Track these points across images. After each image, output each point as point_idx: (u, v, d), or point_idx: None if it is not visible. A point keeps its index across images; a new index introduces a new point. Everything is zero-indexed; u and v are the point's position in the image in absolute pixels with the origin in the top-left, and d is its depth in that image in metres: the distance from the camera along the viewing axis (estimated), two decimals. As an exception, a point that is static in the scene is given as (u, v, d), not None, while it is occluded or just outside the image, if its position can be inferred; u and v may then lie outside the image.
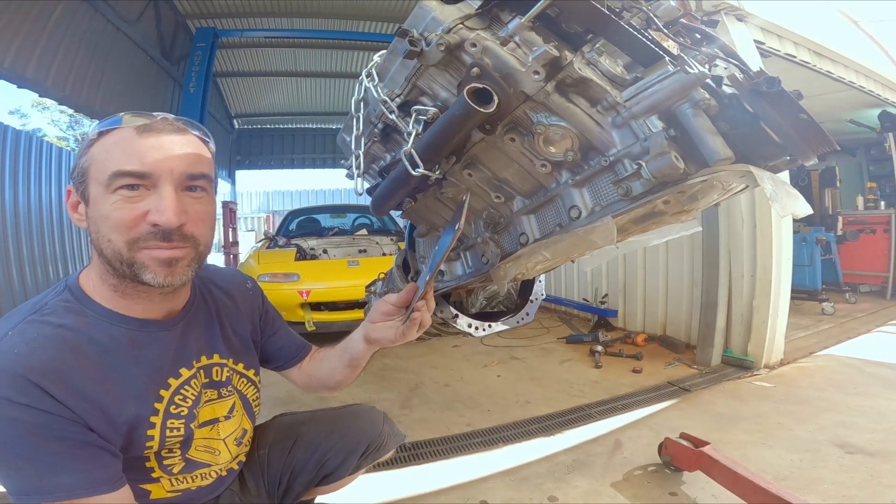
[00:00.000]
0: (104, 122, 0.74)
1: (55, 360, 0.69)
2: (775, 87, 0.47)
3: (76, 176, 0.75)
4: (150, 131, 0.72)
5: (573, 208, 0.59)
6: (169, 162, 0.71)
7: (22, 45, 4.03)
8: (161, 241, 0.72)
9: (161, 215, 0.70)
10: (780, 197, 0.46)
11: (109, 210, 0.70)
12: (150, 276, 0.73)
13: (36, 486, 0.68)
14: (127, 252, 0.71)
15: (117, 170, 0.69)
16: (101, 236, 0.72)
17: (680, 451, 1.85)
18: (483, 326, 0.99)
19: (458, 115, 0.55)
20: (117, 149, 0.71)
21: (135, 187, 0.70)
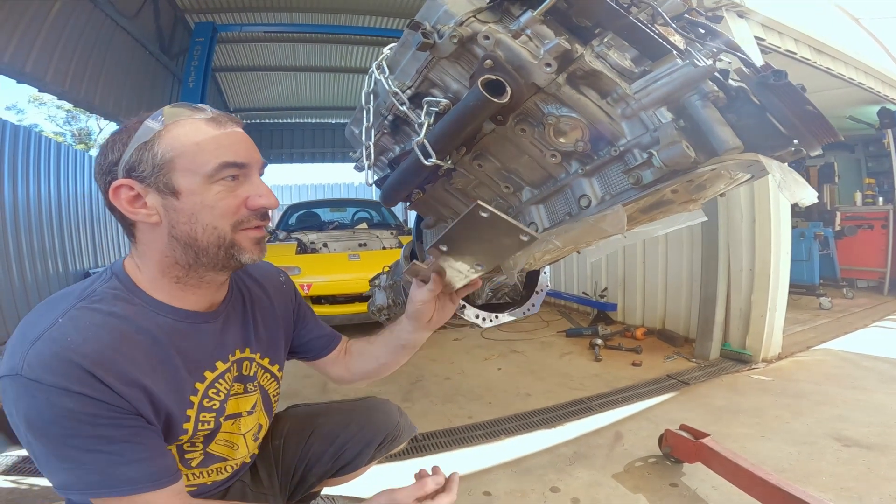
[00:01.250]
0: (157, 116, 0.75)
1: (108, 348, 0.69)
2: (782, 79, 0.48)
3: (146, 169, 0.73)
4: (224, 124, 0.77)
5: (583, 197, 0.60)
6: (254, 152, 0.79)
7: (21, 40, 4.01)
8: (260, 221, 0.79)
9: (267, 199, 0.78)
10: (789, 184, 0.48)
11: (215, 199, 0.74)
12: (248, 256, 0.79)
13: (99, 480, 0.68)
14: (230, 235, 0.76)
15: (224, 161, 0.73)
16: (202, 225, 0.75)
17: (680, 443, 1.87)
18: (490, 317, 1.01)
19: (471, 106, 0.56)
20: (208, 141, 0.74)
21: (235, 177, 0.76)
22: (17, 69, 4.06)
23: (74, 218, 6.09)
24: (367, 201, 6.91)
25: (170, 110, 0.76)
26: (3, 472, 2.00)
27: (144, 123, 0.74)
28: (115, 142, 0.76)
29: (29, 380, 0.65)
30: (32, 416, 0.66)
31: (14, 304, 4.51)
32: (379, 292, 1.35)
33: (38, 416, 0.66)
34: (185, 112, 0.76)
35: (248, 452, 0.99)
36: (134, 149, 0.73)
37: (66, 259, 5.75)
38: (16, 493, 1.84)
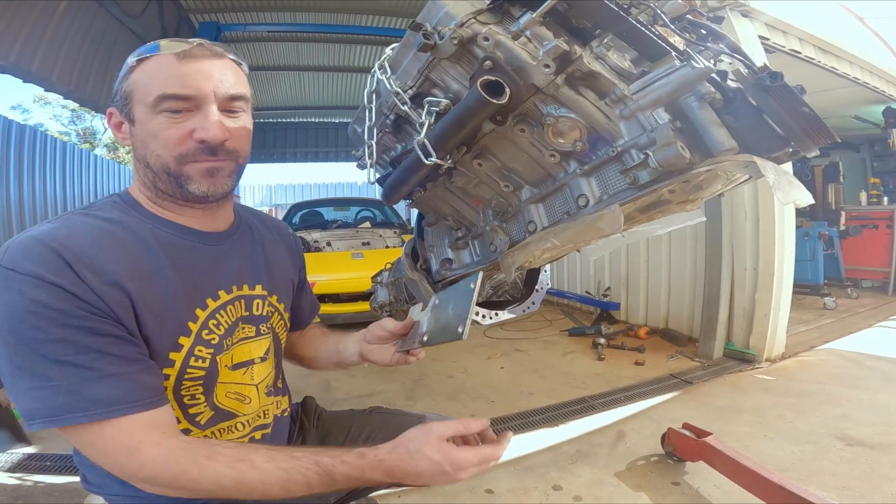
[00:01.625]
0: (142, 49, 0.78)
1: (93, 244, 0.69)
2: (778, 81, 0.49)
3: (118, 99, 0.79)
4: (190, 57, 0.76)
5: (581, 197, 0.61)
6: (210, 85, 0.76)
7: (27, 40, 4.04)
8: (208, 156, 0.78)
9: (207, 132, 0.75)
10: (783, 185, 0.49)
11: (157, 129, 0.75)
12: (195, 186, 0.78)
13: (66, 402, 0.63)
14: (175, 166, 0.77)
15: (162, 93, 0.74)
16: (150, 152, 0.77)
17: (683, 442, 1.88)
18: (490, 315, 1.01)
19: (471, 107, 0.57)
20: (160, 73, 0.75)
21: (178, 111, 0.75)
22: (24, 69, 4.09)
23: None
24: (371, 200, 6.93)
25: (162, 43, 0.78)
26: (8, 470, 2.02)
27: (128, 61, 0.78)
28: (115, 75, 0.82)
29: (5, 268, 0.64)
30: (3, 311, 0.64)
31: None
32: (381, 289, 1.35)
33: (9, 310, 0.63)
34: (168, 46, 0.77)
35: (260, 407, 0.91)
36: (118, 81, 0.80)
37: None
38: (21, 491, 1.86)
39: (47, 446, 2.21)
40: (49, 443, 2.24)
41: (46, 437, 2.29)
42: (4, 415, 2.26)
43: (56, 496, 1.81)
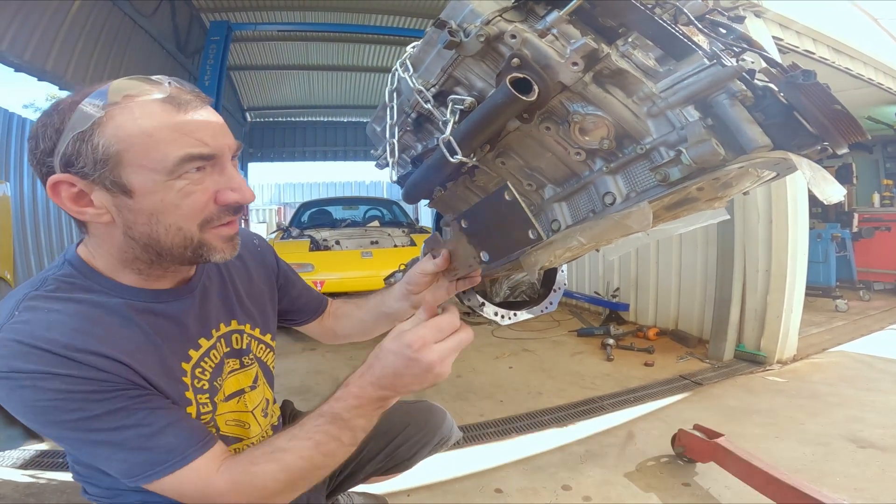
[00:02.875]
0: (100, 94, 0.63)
1: (75, 332, 0.63)
2: (811, 79, 0.49)
3: (87, 164, 0.62)
4: (187, 105, 0.65)
5: (607, 195, 0.61)
6: (223, 138, 0.68)
7: (42, 39, 4.09)
8: (232, 216, 0.71)
9: (242, 194, 0.69)
10: (818, 181, 0.49)
11: (178, 197, 0.64)
12: (219, 255, 0.72)
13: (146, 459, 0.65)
14: (198, 235, 0.68)
15: (186, 154, 0.63)
16: (164, 226, 0.66)
17: (694, 443, 1.87)
18: (508, 315, 1.01)
19: (499, 104, 0.57)
20: (163, 129, 0.62)
21: (201, 168, 0.66)
22: (38, 67, 4.15)
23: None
24: (379, 199, 6.95)
25: (116, 85, 0.63)
26: (20, 467, 2.03)
27: (80, 107, 0.62)
28: (45, 126, 0.64)
29: (7, 372, 0.60)
30: (34, 409, 0.62)
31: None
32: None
33: (39, 407, 0.61)
34: (134, 89, 0.63)
35: (262, 430, 0.94)
36: (70, 139, 0.62)
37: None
38: (33, 488, 1.87)
39: (59, 442, 2.24)
40: (62, 439, 2.27)
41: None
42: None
43: (68, 493, 1.82)
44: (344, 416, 0.68)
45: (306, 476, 0.70)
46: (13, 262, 4.36)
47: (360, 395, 0.68)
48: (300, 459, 0.68)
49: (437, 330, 0.67)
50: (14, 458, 2.10)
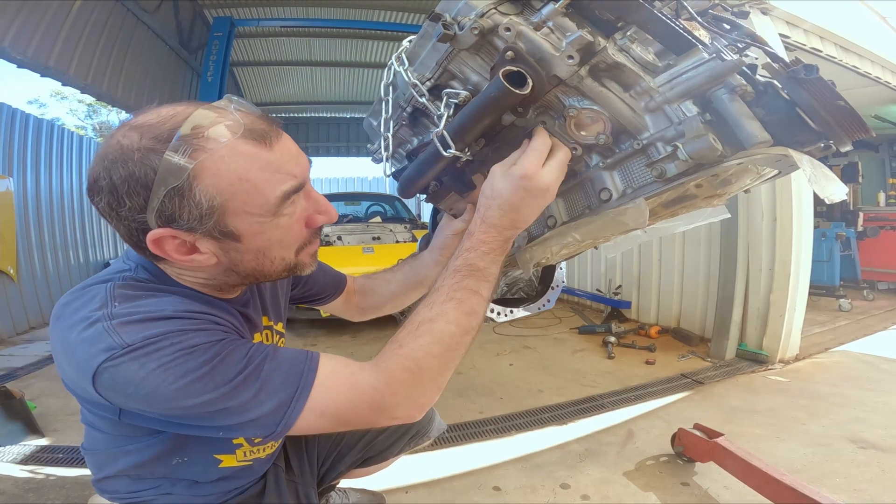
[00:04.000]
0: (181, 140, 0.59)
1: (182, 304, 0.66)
2: (813, 74, 0.47)
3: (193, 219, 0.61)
4: (268, 139, 0.63)
5: (604, 191, 0.60)
6: (305, 164, 0.69)
7: (45, 35, 4.08)
8: (317, 237, 0.76)
9: (328, 216, 0.73)
10: (819, 179, 0.47)
11: (282, 233, 0.67)
12: (309, 269, 0.76)
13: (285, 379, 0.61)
14: (295, 259, 0.72)
15: (284, 192, 0.64)
16: (270, 259, 0.69)
17: (693, 442, 1.86)
18: (505, 312, 1.01)
19: (493, 97, 0.56)
20: (259, 171, 0.62)
21: (294, 202, 0.67)
22: (41, 63, 4.14)
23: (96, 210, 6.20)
24: (381, 195, 6.93)
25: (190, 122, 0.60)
26: (20, 462, 2.03)
27: (167, 160, 0.58)
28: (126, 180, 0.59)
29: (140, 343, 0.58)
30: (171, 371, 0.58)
31: (36, 294, 4.63)
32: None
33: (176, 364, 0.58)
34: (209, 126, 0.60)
35: None
36: (164, 195, 0.59)
37: (87, 250, 5.87)
38: (33, 483, 1.87)
39: (60, 438, 2.24)
40: (61, 435, 2.27)
41: (59, 428, 2.32)
42: (18, 406, 2.28)
43: (68, 488, 1.82)
44: (479, 264, 0.67)
45: (458, 344, 0.66)
46: (16, 258, 4.38)
47: (488, 240, 0.67)
48: (448, 325, 0.65)
49: (539, 154, 0.65)
50: (14, 453, 2.10)
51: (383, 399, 0.63)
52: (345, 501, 1.56)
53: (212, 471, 0.84)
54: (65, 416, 2.45)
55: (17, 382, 2.97)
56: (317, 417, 0.62)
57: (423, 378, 0.64)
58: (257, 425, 0.61)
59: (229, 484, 0.89)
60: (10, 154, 4.46)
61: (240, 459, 0.87)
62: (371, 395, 0.63)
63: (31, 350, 3.77)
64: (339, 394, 0.63)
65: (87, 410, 0.72)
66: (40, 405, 2.52)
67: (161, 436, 0.73)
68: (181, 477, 0.81)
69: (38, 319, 4.55)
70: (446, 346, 0.64)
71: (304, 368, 0.63)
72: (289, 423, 0.61)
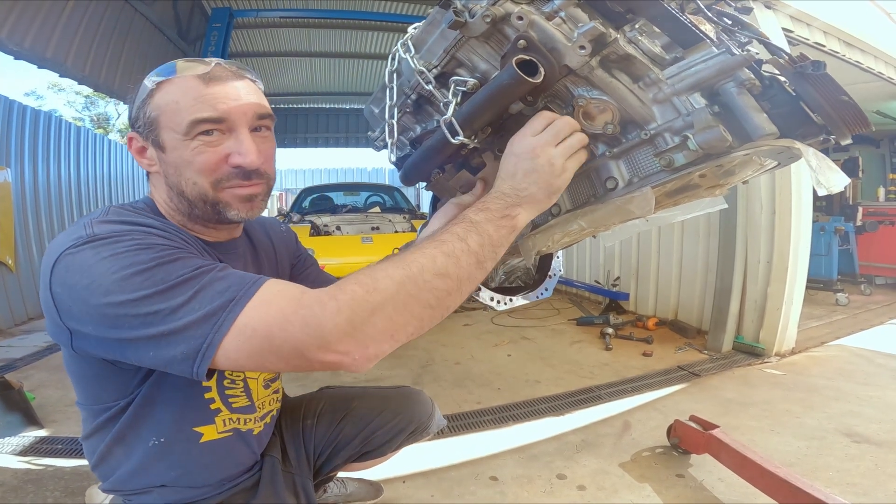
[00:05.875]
0: (160, 70, 0.77)
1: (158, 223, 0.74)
2: (820, 70, 0.48)
3: (142, 125, 0.78)
4: (215, 79, 0.75)
5: (609, 179, 0.61)
6: (241, 107, 0.76)
7: (42, 27, 4.04)
8: (242, 181, 0.78)
9: (244, 157, 0.76)
10: (823, 170, 0.48)
11: (192, 155, 0.74)
12: (234, 213, 0.79)
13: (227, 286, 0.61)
14: (212, 192, 0.77)
15: (194, 118, 0.73)
16: (184, 179, 0.76)
17: (689, 434, 1.88)
18: (504, 300, 1.01)
19: (504, 85, 0.57)
20: (187, 97, 0.74)
21: (211, 132, 0.74)
22: (39, 54, 4.10)
23: (94, 200, 6.19)
24: (380, 185, 6.92)
25: (174, 65, 0.77)
26: (19, 453, 2.03)
27: (143, 82, 0.77)
28: (131, 98, 0.82)
29: (106, 235, 0.65)
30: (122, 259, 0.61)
31: (34, 285, 4.61)
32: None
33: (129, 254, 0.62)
34: (186, 68, 0.76)
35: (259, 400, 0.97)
36: (136, 105, 0.78)
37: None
38: (31, 475, 1.87)
39: (58, 429, 2.23)
40: (60, 426, 2.27)
41: (58, 419, 2.32)
42: (17, 397, 2.27)
43: (66, 480, 1.82)
44: (472, 217, 0.64)
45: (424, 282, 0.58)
46: (14, 248, 4.36)
47: (487, 201, 0.66)
48: (420, 255, 0.60)
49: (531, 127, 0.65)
50: (13, 444, 2.10)
51: (324, 315, 0.56)
52: (342, 491, 1.57)
53: (194, 449, 0.84)
54: (63, 407, 2.45)
55: (15, 373, 2.97)
56: (247, 339, 0.58)
57: (374, 300, 0.56)
58: (183, 338, 0.58)
59: (220, 471, 0.89)
60: (7, 145, 4.43)
61: (220, 430, 0.87)
62: (311, 309, 0.57)
63: (29, 341, 3.77)
64: (278, 310, 0.58)
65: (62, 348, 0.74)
66: (39, 396, 2.52)
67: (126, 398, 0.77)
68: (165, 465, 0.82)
69: (36, 310, 4.54)
70: (410, 277, 0.58)
71: (248, 282, 0.61)
72: (217, 338, 0.57)
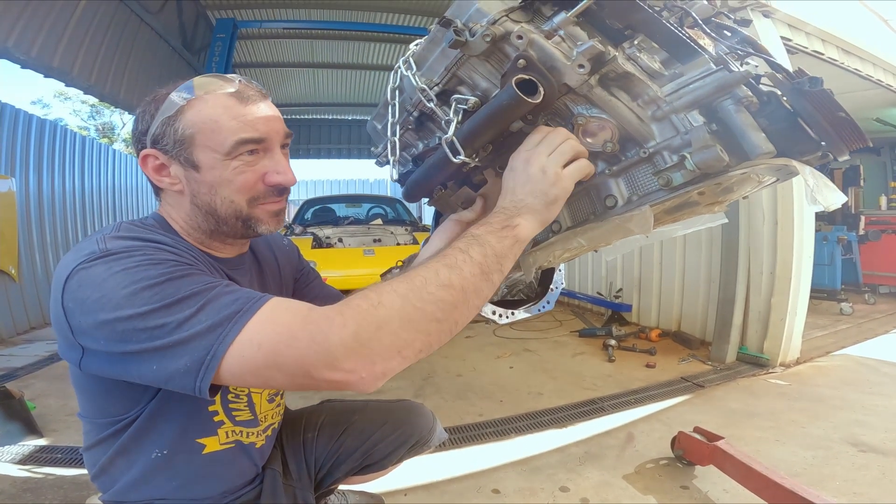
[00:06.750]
0: (187, 87, 0.77)
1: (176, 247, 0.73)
2: (818, 86, 0.48)
3: (170, 143, 0.76)
4: (249, 100, 0.77)
5: (609, 197, 0.61)
6: (275, 127, 0.79)
7: (48, 36, 4.10)
8: (277, 197, 0.81)
9: (284, 176, 0.79)
10: (820, 188, 0.48)
11: (232, 175, 0.76)
12: (265, 227, 0.82)
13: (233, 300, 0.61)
14: (247, 209, 0.79)
15: (240, 139, 0.75)
16: (220, 197, 0.78)
17: (693, 445, 1.86)
18: (506, 313, 1.01)
19: (504, 105, 0.57)
20: (227, 118, 0.75)
21: (253, 152, 0.77)
22: (45, 64, 4.15)
23: (98, 210, 6.23)
24: (382, 197, 6.94)
25: (199, 81, 0.77)
26: (18, 462, 2.02)
27: (170, 97, 0.76)
28: (144, 112, 0.80)
29: (118, 250, 0.65)
30: (132, 274, 0.62)
31: (37, 294, 4.62)
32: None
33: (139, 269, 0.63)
34: (212, 84, 0.77)
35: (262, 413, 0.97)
36: (160, 121, 0.76)
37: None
38: (30, 483, 1.87)
39: (58, 438, 2.23)
40: (60, 435, 2.26)
41: (58, 429, 2.31)
42: (17, 406, 2.27)
43: (65, 489, 1.81)
44: (474, 232, 0.64)
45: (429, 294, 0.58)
46: (18, 257, 4.38)
47: (489, 218, 0.66)
48: (423, 269, 0.60)
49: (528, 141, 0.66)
50: (12, 453, 2.10)
51: (331, 330, 0.55)
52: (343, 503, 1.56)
53: (196, 460, 0.84)
54: (64, 417, 2.45)
55: (16, 382, 2.97)
56: (252, 354, 0.57)
57: (380, 314, 0.56)
58: (187, 350, 0.58)
59: (221, 483, 0.89)
60: (12, 154, 4.47)
61: (223, 441, 0.87)
62: (318, 325, 0.57)
63: (31, 350, 3.77)
64: (284, 326, 0.58)
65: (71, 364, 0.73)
66: (40, 405, 2.52)
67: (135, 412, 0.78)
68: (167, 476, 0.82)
69: (38, 319, 4.55)
70: (414, 289, 0.58)
71: (255, 297, 0.61)
72: (220, 349, 0.57)
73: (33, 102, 18.99)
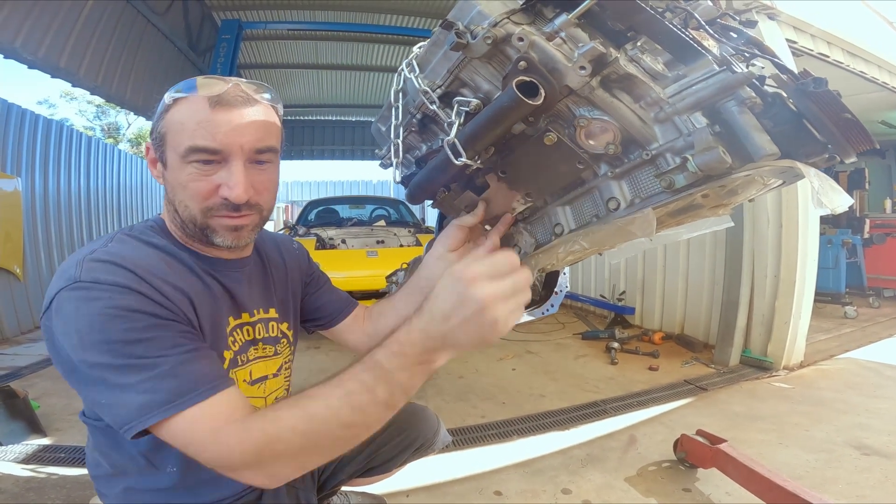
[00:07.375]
0: (180, 85, 0.77)
1: (157, 261, 0.75)
2: (822, 87, 0.48)
3: (155, 138, 0.79)
4: (223, 105, 0.74)
5: (611, 200, 0.61)
6: (239, 138, 0.74)
7: (56, 36, 4.13)
8: (231, 212, 0.78)
9: (231, 191, 0.75)
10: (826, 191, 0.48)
11: (186, 180, 0.75)
12: (220, 239, 0.80)
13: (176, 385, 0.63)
14: (200, 218, 0.78)
15: (191, 145, 0.73)
16: (178, 200, 0.78)
17: (696, 448, 1.86)
18: (510, 317, 1.01)
19: (505, 107, 0.57)
20: (191, 122, 0.73)
21: (208, 162, 0.74)
22: (52, 64, 4.18)
23: (103, 210, 6.27)
24: (386, 199, 6.94)
25: (196, 82, 0.76)
26: (22, 461, 2.03)
27: (165, 99, 0.78)
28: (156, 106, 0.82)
29: (89, 283, 0.66)
30: (94, 321, 0.65)
31: (41, 294, 4.61)
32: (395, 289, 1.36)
33: (96, 318, 0.65)
34: (204, 86, 0.75)
35: None
36: (156, 116, 0.79)
37: (93, 249, 5.91)
38: (34, 482, 1.88)
39: (62, 438, 2.24)
40: (64, 434, 2.27)
41: (62, 428, 2.33)
42: (21, 405, 2.28)
43: (68, 488, 1.82)
44: (384, 364, 0.60)
45: (329, 433, 0.62)
46: (23, 257, 4.41)
47: (405, 342, 0.59)
48: (325, 409, 0.61)
49: (493, 266, 0.57)
50: (16, 452, 2.11)
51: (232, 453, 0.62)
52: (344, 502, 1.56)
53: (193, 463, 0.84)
54: (67, 416, 2.46)
55: (21, 381, 2.99)
56: (169, 438, 0.64)
57: (276, 449, 0.61)
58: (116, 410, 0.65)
59: (223, 485, 0.88)
60: (18, 154, 4.50)
61: None
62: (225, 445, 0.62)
63: (35, 349, 3.79)
64: (200, 435, 0.63)
65: None
66: (43, 404, 2.54)
67: None
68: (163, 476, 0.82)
69: (43, 318, 4.57)
70: (314, 430, 0.61)
71: (195, 390, 0.64)
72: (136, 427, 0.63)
73: (39, 102, 19.17)
